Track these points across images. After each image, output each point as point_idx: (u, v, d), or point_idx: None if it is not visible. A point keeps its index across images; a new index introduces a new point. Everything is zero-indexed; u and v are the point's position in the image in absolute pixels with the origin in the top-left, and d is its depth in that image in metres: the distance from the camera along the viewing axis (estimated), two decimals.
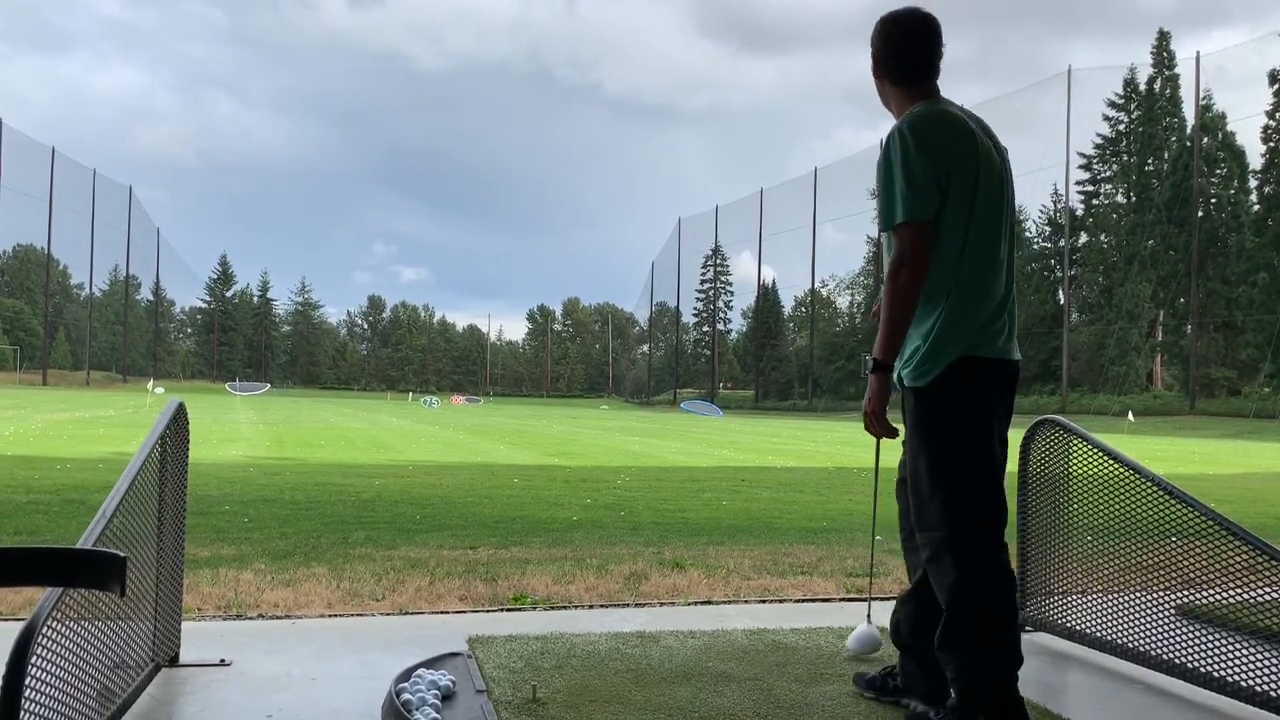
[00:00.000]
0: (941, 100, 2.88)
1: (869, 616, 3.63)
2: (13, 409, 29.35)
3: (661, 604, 4.56)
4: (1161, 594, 3.48)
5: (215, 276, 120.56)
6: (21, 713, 1.86)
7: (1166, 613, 3.45)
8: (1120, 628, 3.61)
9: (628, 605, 4.49)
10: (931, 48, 2.89)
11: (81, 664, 2.27)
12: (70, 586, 1.97)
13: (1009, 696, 2.68)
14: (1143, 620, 3.52)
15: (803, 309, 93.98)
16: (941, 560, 2.72)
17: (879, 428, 2.80)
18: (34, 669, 1.92)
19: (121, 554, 1.17)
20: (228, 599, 4.38)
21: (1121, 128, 66.99)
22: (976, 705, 2.67)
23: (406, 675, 3.03)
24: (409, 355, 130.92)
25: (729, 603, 4.63)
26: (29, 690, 1.89)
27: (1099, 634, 3.71)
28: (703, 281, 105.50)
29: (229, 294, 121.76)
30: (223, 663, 3.28)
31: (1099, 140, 67.28)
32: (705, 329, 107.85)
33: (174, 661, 3.24)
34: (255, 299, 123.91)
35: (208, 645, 3.45)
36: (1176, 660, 3.35)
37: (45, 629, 1.99)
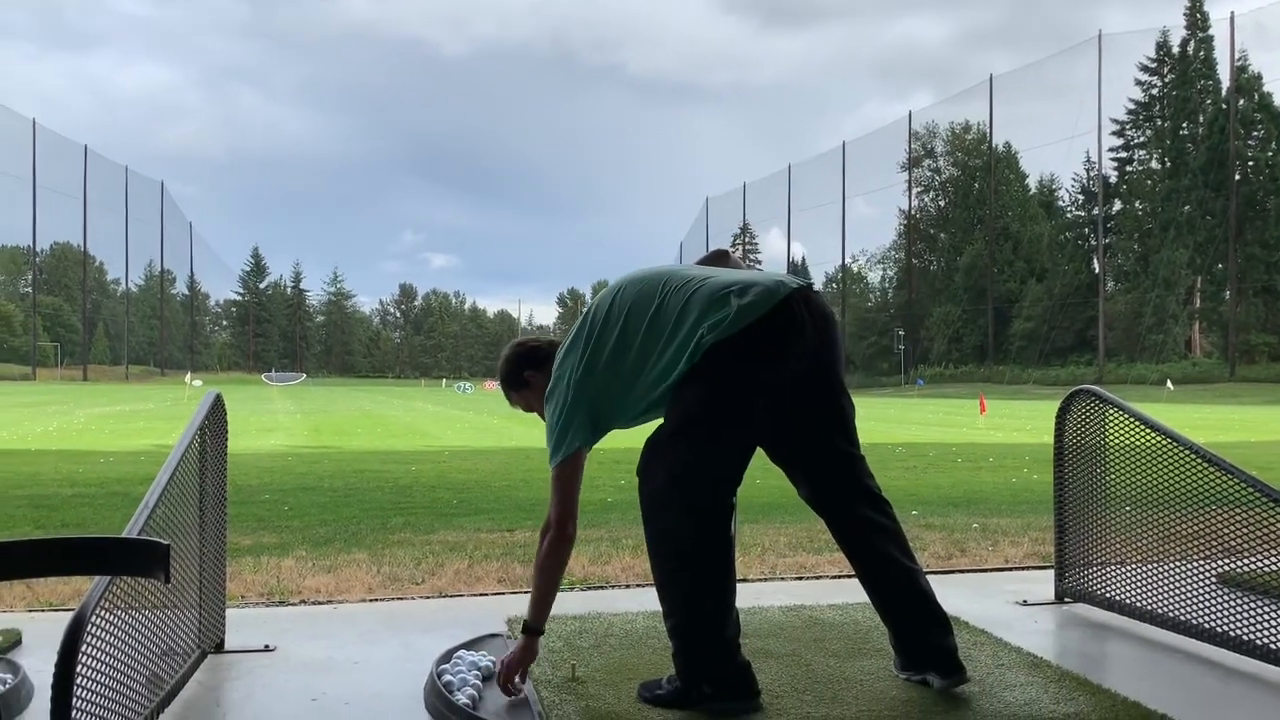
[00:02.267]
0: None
1: None
2: (56, 405, 29.85)
3: None
4: (1202, 563, 3.45)
5: (248, 269, 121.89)
6: (74, 699, 1.91)
7: (1207, 581, 3.42)
8: (1160, 597, 3.59)
9: None
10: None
11: (130, 652, 2.32)
12: (116, 574, 2.02)
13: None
14: (1183, 589, 3.49)
15: (833, 285, 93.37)
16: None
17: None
18: (84, 657, 1.97)
19: (164, 541, 1.19)
20: (270, 586, 4.45)
21: (1155, 92, 65.92)
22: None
23: (447, 657, 3.07)
24: (441, 342, 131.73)
25: (765, 580, 4.64)
26: (80, 678, 1.94)
27: (1138, 604, 3.69)
28: None
29: (262, 286, 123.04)
30: (267, 648, 3.34)
31: (1131, 105, 66.31)
32: None
33: (220, 648, 3.30)
34: (288, 290, 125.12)
35: (252, 631, 3.51)
36: (1218, 628, 3.32)
37: (94, 618, 2.03)
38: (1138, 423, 3.66)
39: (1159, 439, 3.59)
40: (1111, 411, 3.78)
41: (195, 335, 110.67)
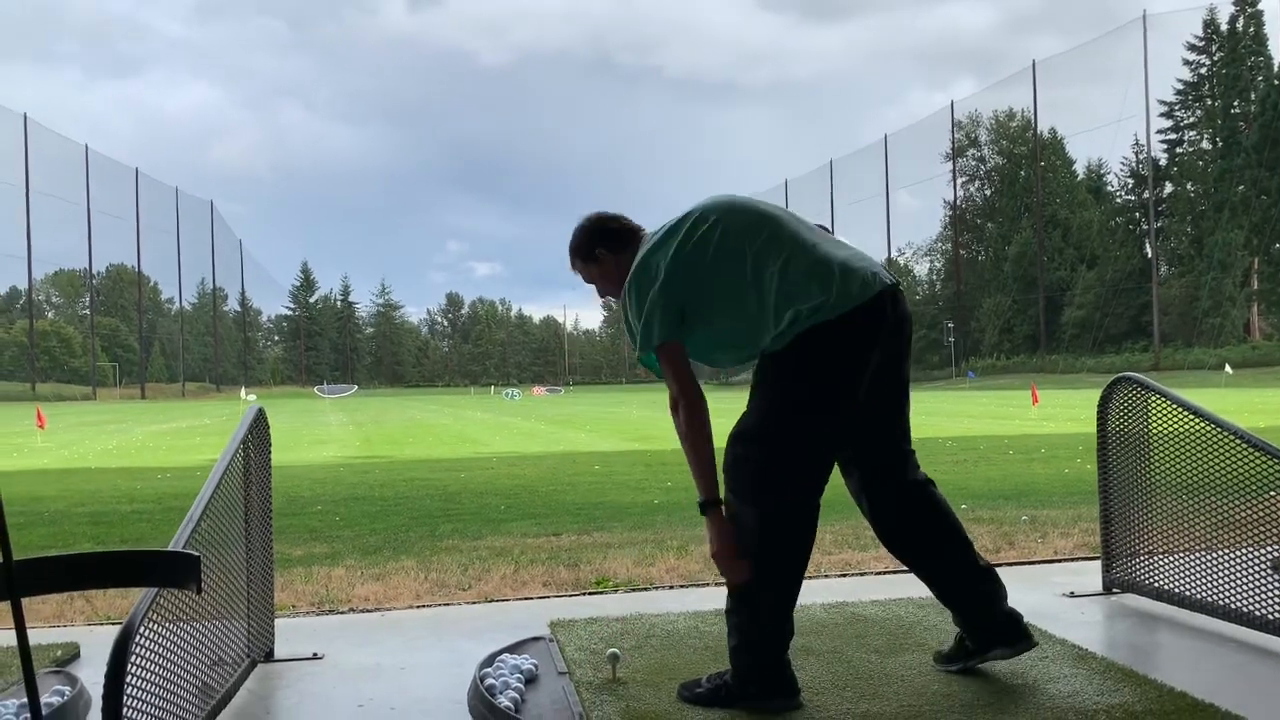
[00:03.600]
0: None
1: None
2: (115, 423, 30.52)
3: None
4: (1253, 549, 3.38)
5: (298, 284, 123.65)
6: (124, 709, 1.97)
7: (1259, 568, 3.36)
8: (1210, 585, 3.53)
9: (708, 584, 4.52)
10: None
11: (180, 662, 2.38)
12: (148, 585, 2.08)
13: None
14: (1234, 577, 3.42)
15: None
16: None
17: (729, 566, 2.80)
18: (134, 668, 2.03)
19: (195, 553, 1.23)
20: (320, 595, 4.53)
21: (1203, 71, 64.58)
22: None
23: (490, 660, 3.11)
24: (489, 350, 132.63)
25: (809, 578, 4.60)
26: (130, 689, 2.00)
27: (1187, 593, 3.63)
28: None
29: (312, 300, 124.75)
30: (315, 656, 3.40)
31: (1180, 86, 65.00)
32: None
33: (269, 657, 3.37)
34: (338, 303, 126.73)
35: (301, 640, 3.58)
36: (1271, 616, 3.26)
37: (142, 630, 2.09)
38: (1182, 409, 3.61)
39: (1205, 425, 3.53)
40: (1155, 398, 3.73)
41: (248, 351, 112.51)
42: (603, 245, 3.04)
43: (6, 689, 2.99)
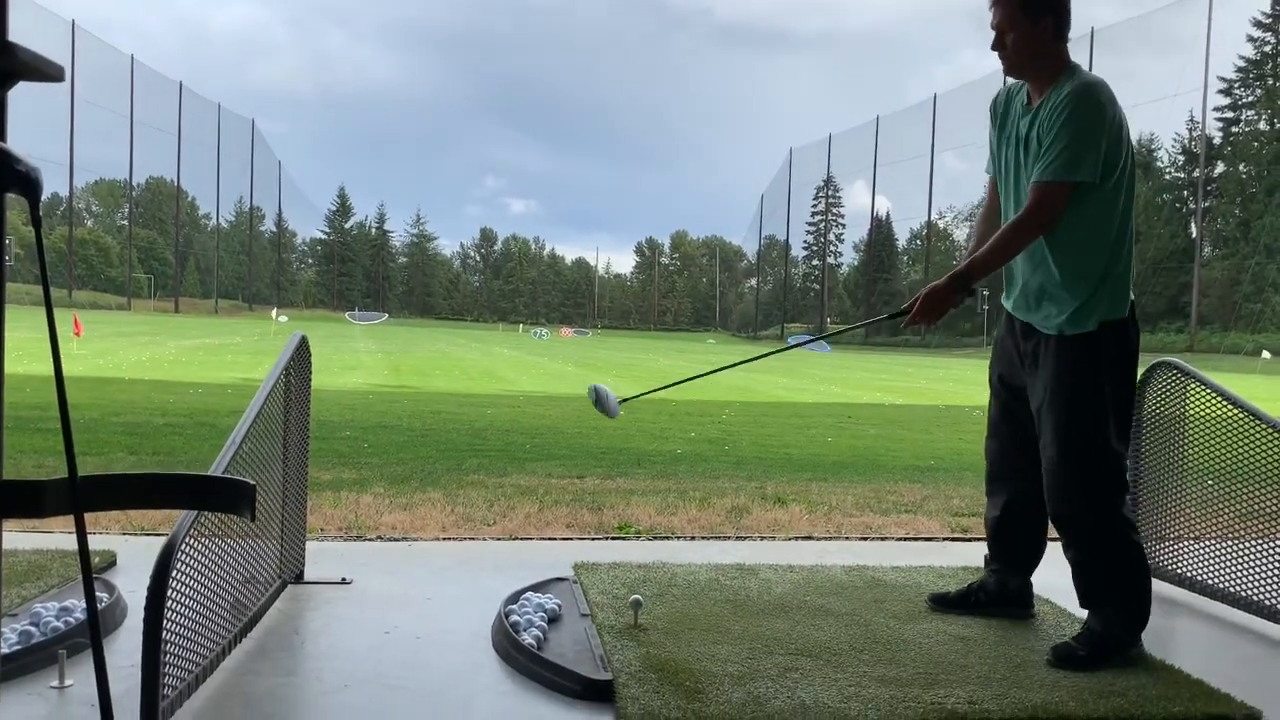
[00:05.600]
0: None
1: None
2: (148, 335, 30.93)
3: (762, 538, 4.62)
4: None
5: (334, 208, 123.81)
6: (165, 620, 2.03)
7: None
8: (1235, 576, 3.52)
9: (729, 538, 4.56)
10: None
11: (216, 578, 2.45)
12: (205, 510, 2.13)
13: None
14: (1260, 568, 3.42)
15: (918, 241, 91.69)
16: (1096, 516, 3.00)
17: (936, 314, 3.07)
18: (174, 582, 2.09)
19: (251, 481, 1.26)
20: (349, 521, 4.61)
21: (1268, 49, 62.81)
22: (1111, 653, 2.89)
23: (515, 598, 3.17)
24: (519, 287, 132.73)
25: (830, 539, 4.66)
26: (171, 601, 2.06)
27: (1212, 582, 3.63)
28: (813, 214, 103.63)
29: (347, 225, 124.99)
30: (344, 581, 3.48)
31: (1241, 63, 63.29)
32: (815, 262, 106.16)
33: (299, 579, 3.45)
34: (373, 231, 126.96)
35: (331, 564, 3.66)
36: None
37: (184, 545, 2.15)
38: (1220, 398, 3.58)
39: (1241, 414, 3.50)
40: (1193, 385, 3.69)
41: (282, 272, 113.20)
42: (1053, 17, 2.97)
43: (47, 591, 3.08)
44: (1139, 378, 3.92)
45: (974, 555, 3.83)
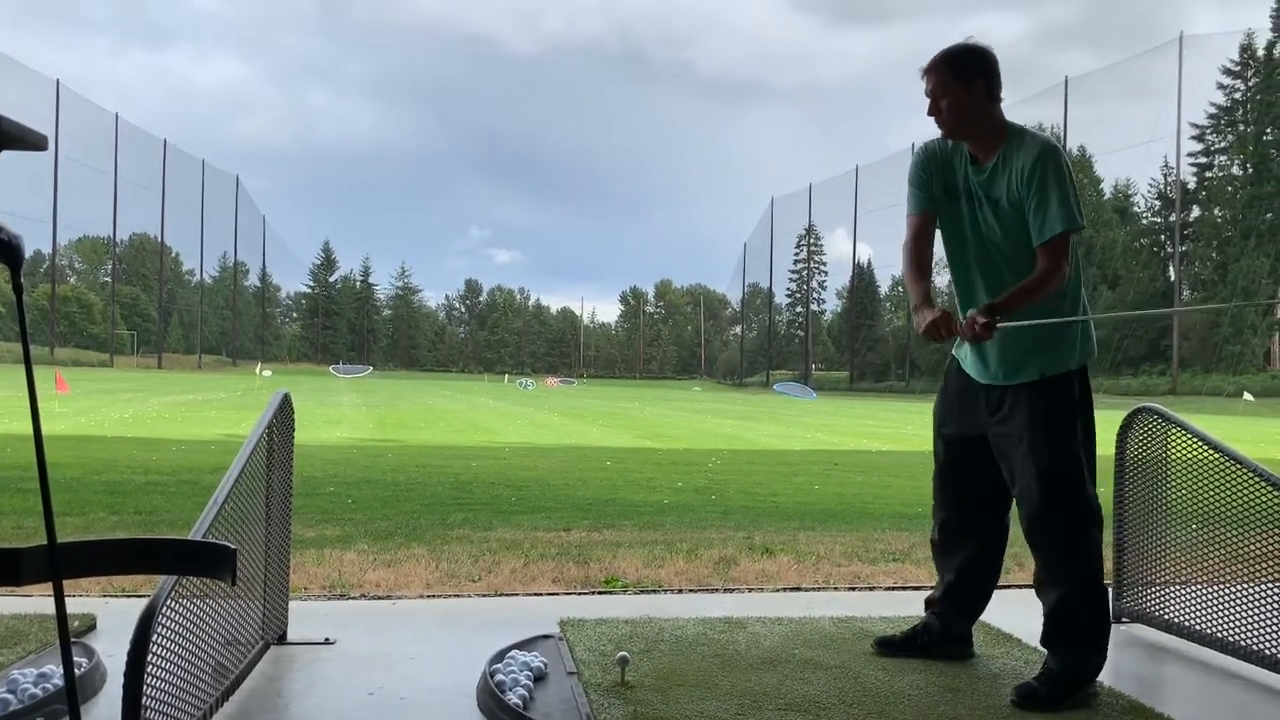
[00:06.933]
0: None
1: None
2: (131, 391, 30.73)
3: (750, 590, 4.60)
4: (1268, 586, 3.38)
5: (319, 262, 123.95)
6: (145, 685, 2.00)
7: (1273, 606, 3.35)
8: (1222, 621, 3.52)
9: (716, 590, 4.54)
10: None
11: (198, 641, 2.42)
12: (186, 575, 2.12)
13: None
14: (1247, 613, 3.42)
15: (900, 288, 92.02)
16: (1080, 556, 3.06)
17: (984, 330, 2.99)
18: (155, 646, 2.06)
19: (232, 546, 1.26)
20: (332, 579, 4.57)
21: (1238, 96, 63.93)
22: (1072, 692, 2.93)
23: (500, 656, 3.14)
24: (505, 338, 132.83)
25: (818, 589, 4.64)
26: (151, 666, 2.03)
27: (1199, 627, 3.62)
28: (796, 261, 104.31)
29: (332, 279, 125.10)
30: (327, 641, 3.44)
31: (1213, 110, 64.39)
32: (799, 309, 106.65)
33: (282, 639, 3.41)
34: (357, 284, 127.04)
35: (314, 624, 3.62)
36: None
37: (165, 608, 2.13)
38: (1203, 444, 3.60)
39: (1222, 459, 3.52)
40: (1174, 430, 3.72)
41: (266, 326, 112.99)
42: (984, 80, 3.09)
43: (24, 657, 3.04)
44: (1120, 423, 3.96)
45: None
